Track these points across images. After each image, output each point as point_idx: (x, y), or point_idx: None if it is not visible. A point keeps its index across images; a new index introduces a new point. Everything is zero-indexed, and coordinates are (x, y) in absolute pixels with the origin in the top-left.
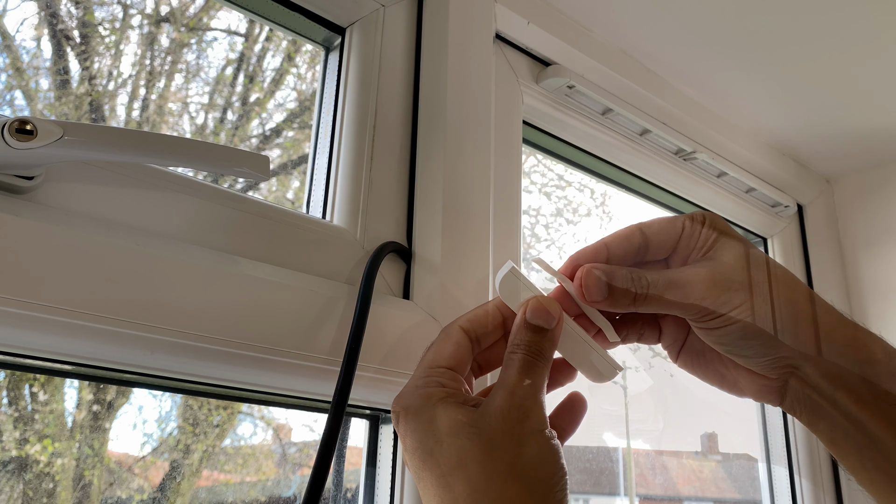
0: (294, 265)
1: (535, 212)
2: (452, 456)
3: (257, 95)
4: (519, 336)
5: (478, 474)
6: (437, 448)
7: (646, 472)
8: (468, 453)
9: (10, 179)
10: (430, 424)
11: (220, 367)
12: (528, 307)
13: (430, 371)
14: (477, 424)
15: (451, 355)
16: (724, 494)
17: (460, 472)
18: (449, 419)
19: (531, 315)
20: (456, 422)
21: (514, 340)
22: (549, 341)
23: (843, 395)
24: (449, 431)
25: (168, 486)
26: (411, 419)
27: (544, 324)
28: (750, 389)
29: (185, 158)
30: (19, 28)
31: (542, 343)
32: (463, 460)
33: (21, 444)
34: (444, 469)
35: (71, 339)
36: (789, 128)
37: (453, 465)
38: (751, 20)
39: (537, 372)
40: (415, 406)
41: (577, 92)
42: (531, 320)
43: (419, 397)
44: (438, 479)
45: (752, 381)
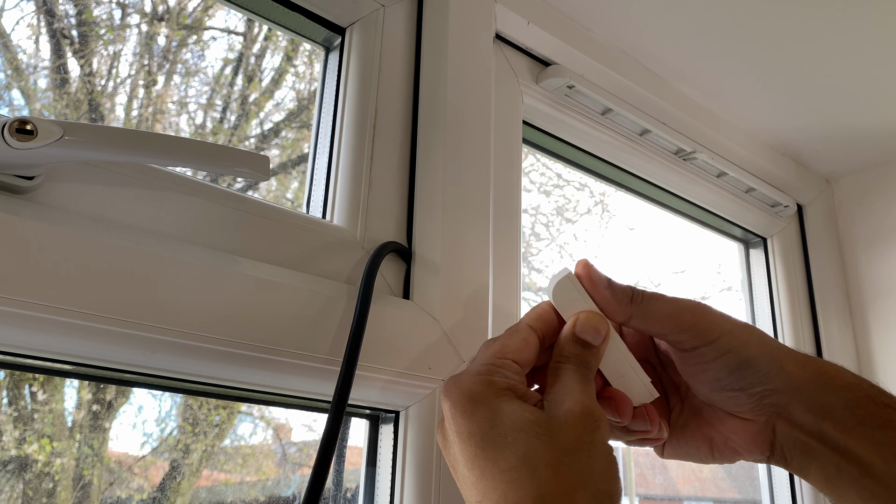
0: (294, 265)
1: (534, 211)
2: (519, 452)
3: (256, 95)
4: (567, 347)
5: (549, 477)
6: (500, 440)
7: (646, 472)
8: (537, 453)
9: (10, 179)
10: (494, 415)
11: (220, 367)
12: (578, 320)
13: (495, 360)
14: (547, 426)
15: (518, 349)
16: (724, 494)
17: (527, 471)
18: (515, 414)
19: (580, 329)
20: (523, 418)
21: (563, 351)
22: (594, 356)
23: (829, 426)
24: (515, 427)
25: (168, 486)
26: (471, 404)
27: (592, 340)
28: (742, 442)
29: (185, 158)
30: (14, 27)
31: (589, 358)
32: (532, 459)
33: (21, 444)
34: (509, 463)
35: (71, 339)
36: (789, 128)
37: (519, 462)
38: (751, 20)
39: (591, 385)
40: (478, 392)
41: (577, 92)
42: (580, 334)
43: (482, 383)
44: (502, 473)
45: (743, 432)
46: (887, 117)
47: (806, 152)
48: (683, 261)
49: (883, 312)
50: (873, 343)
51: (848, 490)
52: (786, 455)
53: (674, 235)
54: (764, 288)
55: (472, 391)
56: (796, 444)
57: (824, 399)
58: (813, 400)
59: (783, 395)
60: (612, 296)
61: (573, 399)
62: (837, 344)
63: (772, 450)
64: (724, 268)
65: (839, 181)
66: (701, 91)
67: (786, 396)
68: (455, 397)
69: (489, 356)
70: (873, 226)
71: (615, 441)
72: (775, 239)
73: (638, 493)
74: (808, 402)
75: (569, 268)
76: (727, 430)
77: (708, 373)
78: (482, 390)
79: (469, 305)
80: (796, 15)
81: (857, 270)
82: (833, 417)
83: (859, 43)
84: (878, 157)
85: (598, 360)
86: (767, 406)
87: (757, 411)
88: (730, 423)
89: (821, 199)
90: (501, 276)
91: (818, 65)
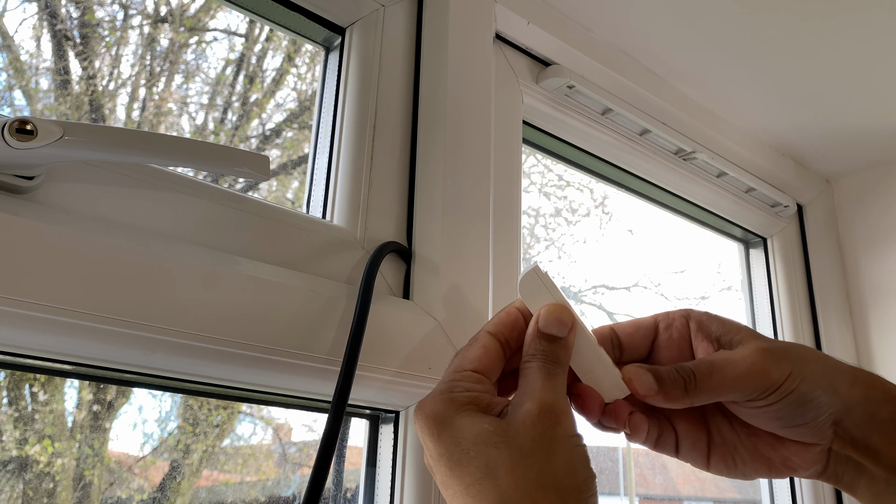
0: (294, 265)
1: (534, 212)
2: (481, 465)
3: (257, 95)
4: (533, 345)
5: (508, 484)
6: (463, 457)
7: (646, 472)
8: (496, 462)
9: (10, 179)
10: (457, 432)
11: (220, 367)
12: (539, 316)
13: (454, 375)
14: (505, 433)
15: (476, 358)
16: (724, 494)
17: (489, 482)
18: (474, 427)
19: (543, 323)
20: (482, 430)
21: (528, 350)
22: (563, 349)
23: (878, 439)
24: (475, 440)
25: (168, 486)
26: (436, 426)
27: (557, 332)
28: (802, 462)
29: (185, 158)
30: (18, 28)
31: (557, 351)
32: (492, 469)
33: (21, 444)
34: (472, 478)
35: (71, 339)
36: (789, 128)
37: (482, 475)
38: (751, 20)
39: (559, 379)
40: (440, 412)
41: (577, 92)
42: (544, 329)
43: (443, 402)
44: (467, 489)
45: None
46: (887, 117)
47: (806, 152)
48: (683, 261)
49: (883, 312)
50: (873, 343)
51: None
52: (838, 472)
53: (674, 235)
54: (764, 288)
55: (434, 412)
56: (847, 461)
57: (873, 413)
58: (862, 416)
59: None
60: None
61: (532, 398)
62: (837, 344)
63: (825, 467)
64: (724, 268)
65: (839, 181)
66: (701, 91)
67: (841, 415)
68: (422, 421)
69: (449, 372)
70: (873, 226)
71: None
72: (775, 239)
73: (638, 493)
74: (857, 418)
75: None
76: (788, 452)
77: (769, 414)
78: (443, 409)
79: (469, 306)
80: (796, 15)
81: (857, 270)
82: (881, 430)
83: (859, 43)
84: (878, 157)
85: (567, 352)
86: (828, 428)
87: (820, 436)
88: (791, 446)
89: (821, 199)
90: (501, 277)
91: (818, 65)
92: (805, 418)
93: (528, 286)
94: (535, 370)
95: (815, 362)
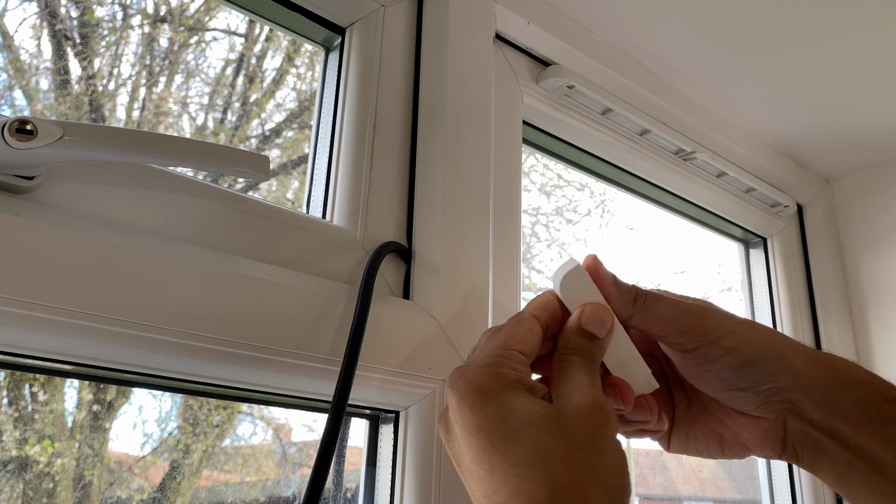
0: (294, 265)
1: (534, 211)
2: (531, 446)
3: (257, 96)
4: (573, 339)
5: (561, 472)
6: (510, 434)
7: (645, 472)
8: (549, 447)
9: (10, 179)
10: (504, 408)
11: (220, 367)
12: (584, 313)
13: (502, 351)
14: (558, 420)
15: (523, 339)
16: (724, 494)
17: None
18: (525, 408)
19: (586, 321)
20: (533, 412)
21: (569, 343)
22: (599, 349)
23: (840, 423)
24: (526, 420)
25: (168, 486)
26: (479, 397)
27: (597, 332)
28: (753, 438)
29: (185, 158)
30: (18, 28)
31: (594, 350)
32: (544, 454)
33: (21, 444)
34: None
35: (71, 339)
36: (789, 128)
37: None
38: (751, 20)
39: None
40: (486, 384)
41: (577, 92)
42: (586, 326)
43: (490, 375)
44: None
45: (753, 429)
46: (887, 117)
47: (806, 152)
48: (683, 261)
49: (883, 312)
50: (873, 343)
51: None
52: (797, 451)
53: (674, 235)
54: (764, 288)
55: (480, 383)
56: (807, 440)
57: (835, 396)
58: (823, 396)
59: (792, 392)
60: (616, 293)
61: (582, 393)
62: (837, 344)
63: (783, 446)
64: (724, 268)
65: (839, 181)
66: (701, 91)
67: (794, 393)
68: (463, 389)
69: (495, 347)
70: (873, 226)
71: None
72: (775, 239)
73: (638, 493)
74: (817, 398)
75: (575, 259)
76: (737, 427)
77: (710, 373)
78: (490, 382)
79: (469, 306)
80: (797, 15)
81: (857, 270)
82: (844, 414)
83: (859, 43)
84: (878, 157)
85: (602, 352)
86: (776, 403)
87: (765, 409)
88: (739, 419)
89: (821, 199)
90: (501, 277)
91: (818, 65)
92: (746, 382)
93: (570, 282)
94: (579, 365)
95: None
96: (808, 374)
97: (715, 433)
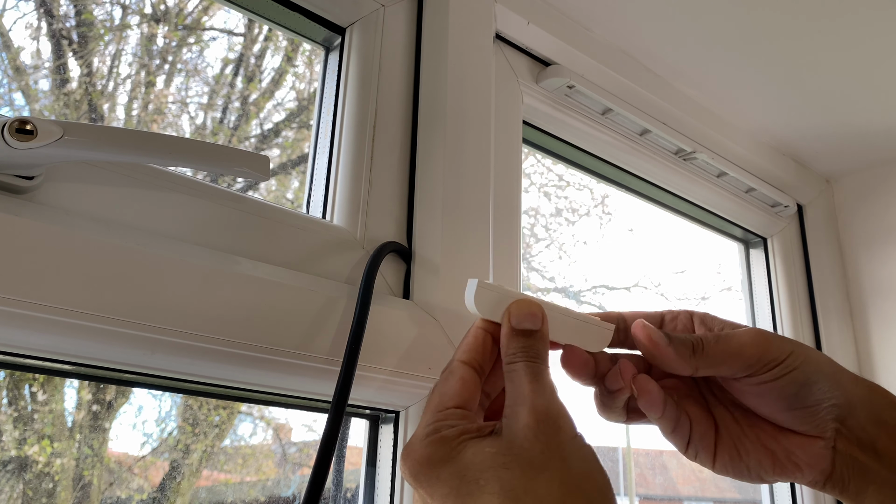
0: (294, 265)
1: (534, 211)
2: (495, 489)
3: (256, 95)
4: (511, 345)
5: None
6: (473, 487)
7: (646, 472)
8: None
9: (10, 179)
10: (457, 466)
11: (220, 367)
12: (510, 314)
13: (437, 415)
14: (510, 451)
15: (456, 392)
16: (724, 494)
17: None
18: (477, 455)
19: (517, 321)
20: (485, 456)
21: (507, 351)
22: (541, 341)
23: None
24: (481, 467)
25: (168, 486)
26: (430, 468)
27: (532, 325)
28: (805, 457)
29: (185, 158)
30: (12, 27)
31: (537, 345)
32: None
33: (21, 444)
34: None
35: (71, 339)
36: (789, 128)
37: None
38: (751, 20)
39: (545, 376)
40: (431, 454)
41: (577, 92)
42: (518, 326)
43: (434, 443)
44: None
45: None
46: (887, 117)
47: (806, 152)
48: (683, 261)
49: (883, 312)
50: (873, 343)
51: None
52: (844, 478)
53: (674, 235)
54: (764, 288)
55: (426, 456)
56: (854, 465)
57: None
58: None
59: (843, 410)
60: (674, 352)
61: (525, 407)
62: (837, 344)
63: (832, 469)
64: (724, 268)
65: (839, 181)
66: (701, 91)
67: (845, 411)
68: (414, 468)
69: (430, 413)
70: (873, 226)
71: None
72: (775, 239)
73: (638, 493)
74: (862, 417)
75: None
76: (791, 445)
77: (773, 392)
78: (435, 450)
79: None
80: (797, 15)
81: (857, 270)
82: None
83: (859, 43)
84: (878, 157)
85: (545, 342)
86: (830, 422)
87: (822, 427)
88: (793, 437)
89: (821, 199)
90: (501, 277)
91: (818, 65)
92: (807, 401)
93: (481, 299)
94: (521, 372)
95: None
96: (855, 393)
97: (768, 450)
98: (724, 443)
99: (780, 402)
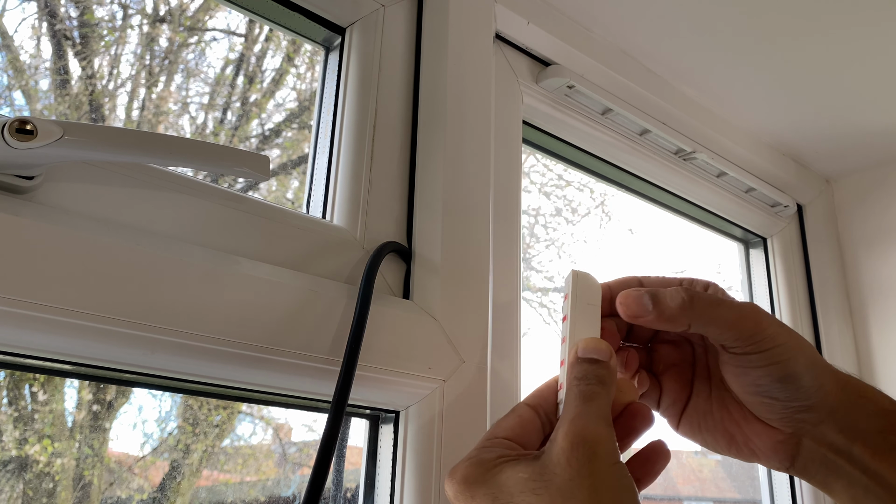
0: (294, 265)
1: (534, 211)
2: None
3: (256, 96)
4: (574, 371)
5: None
6: None
7: None
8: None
9: (10, 179)
10: (492, 488)
11: (220, 367)
12: (578, 348)
13: (485, 442)
14: (541, 477)
15: (510, 427)
16: (724, 494)
17: None
18: (511, 479)
19: (583, 352)
20: (518, 479)
21: (569, 377)
22: (606, 369)
23: (860, 449)
24: (513, 490)
25: (168, 486)
26: (468, 486)
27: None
28: (763, 447)
29: (185, 158)
30: (17, 28)
31: (600, 371)
32: None
33: (21, 444)
34: None
35: (71, 339)
36: (789, 128)
37: None
38: (751, 20)
39: (599, 398)
40: (470, 474)
41: (577, 92)
42: (584, 355)
43: (472, 465)
44: None
45: (766, 438)
46: (887, 117)
47: (806, 152)
48: (683, 261)
49: (883, 312)
50: (873, 343)
51: None
52: (808, 468)
53: (674, 235)
54: (764, 288)
55: (465, 475)
56: (823, 460)
57: (858, 422)
58: (846, 421)
59: (817, 414)
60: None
61: (563, 431)
62: (837, 344)
63: (792, 461)
64: (724, 268)
65: (839, 181)
66: (701, 91)
67: (819, 415)
68: (454, 488)
69: (481, 441)
70: (873, 226)
71: None
72: (775, 239)
73: None
74: (841, 422)
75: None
76: (751, 432)
77: (749, 376)
78: (474, 471)
79: (469, 305)
80: (797, 15)
81: (857, 270)
82: (865, 441)
83: (859, 43)
84: (878, 157)
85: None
86: (797, 420)
87: (785, 422)
88: (756, 425)
89: (821, 199)
90: (501, 277)
91: (819, 65)
92: (780, 394)
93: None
94: (573, 396)
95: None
96: (838, 398)
97: (727, 432)
98: (689, 415)
99: (753, 386)
